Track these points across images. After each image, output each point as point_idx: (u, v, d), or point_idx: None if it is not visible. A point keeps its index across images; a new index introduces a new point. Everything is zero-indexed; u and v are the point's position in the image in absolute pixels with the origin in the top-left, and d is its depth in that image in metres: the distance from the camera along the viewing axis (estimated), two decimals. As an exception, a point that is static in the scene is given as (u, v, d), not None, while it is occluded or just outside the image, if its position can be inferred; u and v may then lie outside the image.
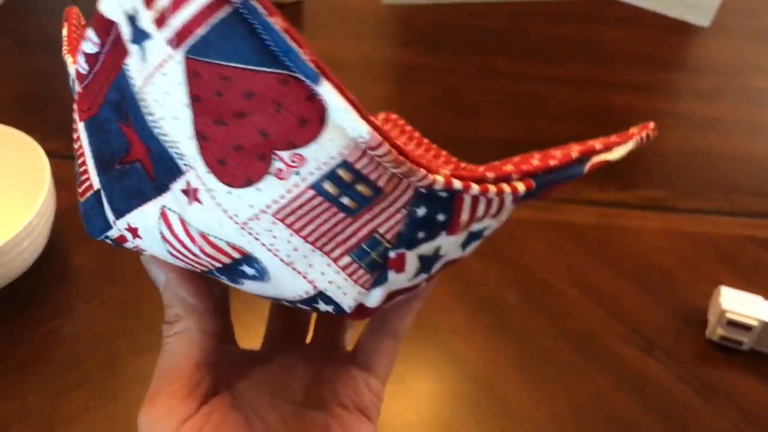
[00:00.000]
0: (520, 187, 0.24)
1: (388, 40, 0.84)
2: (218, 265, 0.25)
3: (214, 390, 0.29)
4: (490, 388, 0.51)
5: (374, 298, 0.25)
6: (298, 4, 0.87)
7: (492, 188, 0.23)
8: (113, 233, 0.27)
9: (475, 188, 0.23)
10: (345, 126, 0.20)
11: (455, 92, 0.76)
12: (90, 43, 0.23)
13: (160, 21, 0.20)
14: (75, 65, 0.25)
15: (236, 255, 0.25)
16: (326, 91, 0.20)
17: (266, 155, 0.21)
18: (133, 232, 0.27)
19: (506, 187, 0.24)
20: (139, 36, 0.21)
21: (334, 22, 0.85)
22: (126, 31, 0.21)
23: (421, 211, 0.23)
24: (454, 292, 0.56)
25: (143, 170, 0.25)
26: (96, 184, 0.27)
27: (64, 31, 0.29)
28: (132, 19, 0.21)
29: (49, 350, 0.51)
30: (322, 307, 0.26)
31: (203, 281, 0.29)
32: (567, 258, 0.60)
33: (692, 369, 0.52)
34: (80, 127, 0.26)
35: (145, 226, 0.26)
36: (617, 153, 0.26)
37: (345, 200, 0.22)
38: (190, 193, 0.23)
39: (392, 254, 0.24)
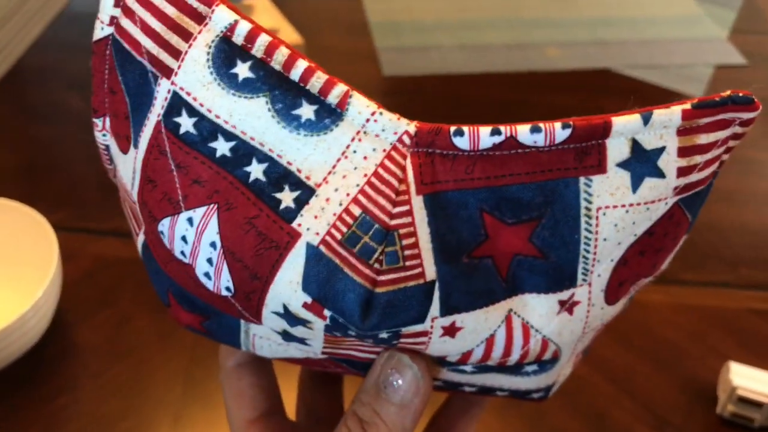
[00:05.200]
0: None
1: (394, 110, 0.85)
2: (516, 359, 0.25)
3: None
4: (503, 469, 0.50)
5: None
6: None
7: None
8: (417, 328, 0.24)
9: None
10: None
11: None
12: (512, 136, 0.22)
13: (684, 171, 0.22)
14: (407, 122, 0.25)
15: (548, 356, 0.25)
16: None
17: (637, 282, 0.25)
18: (450, 330, 0.24)
19: None
20: (644, 169, 0.22)
21: (338, 92, 0.85)
22: (615, 156, 0.22)
23: None
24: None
25: (494, 269, 0.23)
26: (431, 274, 0.23)
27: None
28: (645, 153, 0.22)
29: (53, 430, 0.50)
30: (533, 395, 0.28)
31: None
32: (575, 332, 0.60)
33: (704, 447, 0.52)
34: (416, 202, 0.23)
35: (475, 327, 0.24)
36: None
37: None
38: (565, 304, 0.24)
39: None
